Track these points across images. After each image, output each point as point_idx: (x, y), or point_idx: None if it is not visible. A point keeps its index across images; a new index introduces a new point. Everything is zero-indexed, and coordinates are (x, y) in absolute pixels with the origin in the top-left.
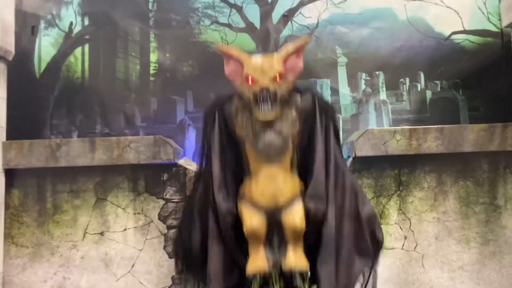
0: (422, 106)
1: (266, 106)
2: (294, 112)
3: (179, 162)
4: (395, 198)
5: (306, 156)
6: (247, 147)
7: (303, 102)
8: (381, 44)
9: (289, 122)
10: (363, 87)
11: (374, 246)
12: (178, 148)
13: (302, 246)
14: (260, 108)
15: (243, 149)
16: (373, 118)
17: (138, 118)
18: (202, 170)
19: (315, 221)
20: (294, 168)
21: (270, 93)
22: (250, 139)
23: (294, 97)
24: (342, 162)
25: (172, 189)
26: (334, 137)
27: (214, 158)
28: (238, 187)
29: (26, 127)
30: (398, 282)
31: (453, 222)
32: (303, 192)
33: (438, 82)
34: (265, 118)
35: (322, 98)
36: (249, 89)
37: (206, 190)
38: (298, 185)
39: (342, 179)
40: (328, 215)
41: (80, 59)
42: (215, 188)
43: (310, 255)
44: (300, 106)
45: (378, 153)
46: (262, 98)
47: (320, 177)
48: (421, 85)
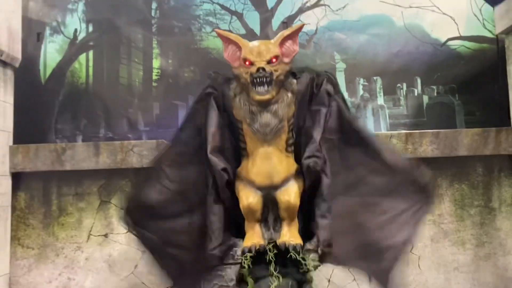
0: (419, 110)
1: (262, 87)
2: (290, 94)
3: None
4: None
5: (302, 137)
6: (244, 128)
7: (299, 85)
8: (378, 50)
9: (285, 104)
10: (361, 92)
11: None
12: None
13: (296, 224)
14: (256, 88)
15: (241, 130)
16: (371, 123)
17: (141, 122)
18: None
19: (314, 173)
20: (289, 148)
21: (267, 73)
22: (247, 120)
23: (291, 80)
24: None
25: None
26: (343, 103)
27: (209, 125)
28: (236, 169)
29: (32, 132)
30: (394, 283)
31: (448, 224)
32: (298, 171)
33: (434, 87)
34: (261, 99)
35: (320, 77)
36: (246, 70)
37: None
38: (293, 165)
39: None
40: (326, 171)
41: (84, 65)
42: (210, 147)
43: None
44: (296, 88)
45: None
46: (258, 79)
47: (317, 140)
48: (418, 90)
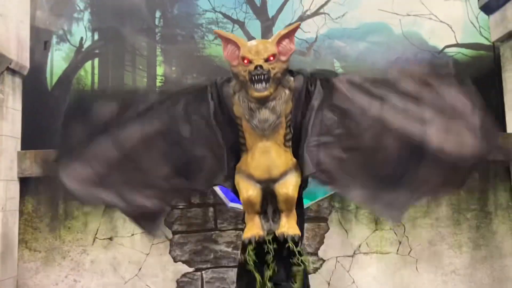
0: None
1: (260, 84)
2: (287, 91)
3: None
4: None
5: (299, 133)
6: (244, 124)
7: (296, 83)
8: (377, 57)
9: (282, 101)
10: None
11: None
12: None
13: (295, 215)
14: (254, 86)
15: (240, 126)
16: None
17: None
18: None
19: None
20: (287, 143)
21: (264, 71)
22: (246, 117)
23: (288, 77)
24: None
25: None
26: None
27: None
28: (236, 164)
29: (39, 137)
30: (392, 286)
31: (445, 228)
32: (296, 165)
33: None
34: (259, 95)
35: (314, 75)
36: (244, 68)
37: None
38: (291, 159)
39: None
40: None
41: (90, 72)
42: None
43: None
44: (293, 86)
45: None
46: (256, 76)
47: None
48: None
